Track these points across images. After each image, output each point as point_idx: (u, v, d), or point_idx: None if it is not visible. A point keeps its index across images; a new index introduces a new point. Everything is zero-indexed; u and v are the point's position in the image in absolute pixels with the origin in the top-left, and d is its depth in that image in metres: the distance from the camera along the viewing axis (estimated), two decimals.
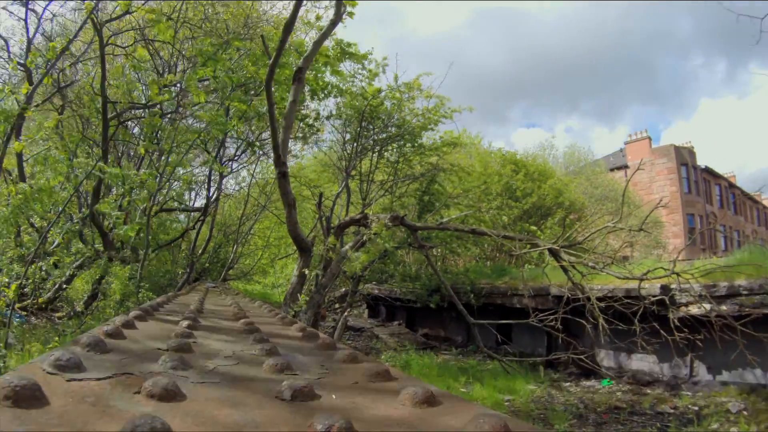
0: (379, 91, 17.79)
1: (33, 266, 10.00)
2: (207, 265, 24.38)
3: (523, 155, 32.63)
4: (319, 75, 16.96)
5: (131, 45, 16.36)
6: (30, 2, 14.17)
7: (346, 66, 18.22)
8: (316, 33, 14.29)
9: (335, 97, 18.76)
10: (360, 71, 17.85)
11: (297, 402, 1.72)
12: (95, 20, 13.84)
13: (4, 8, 14.86)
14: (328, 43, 16.46)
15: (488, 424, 1.40)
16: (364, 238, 13.61)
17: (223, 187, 23.85)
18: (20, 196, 8.89)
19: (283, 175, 11.71)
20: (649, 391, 13.24)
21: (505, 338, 16.81)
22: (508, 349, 16.21)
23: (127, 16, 14.79)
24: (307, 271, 12.35)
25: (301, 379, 2.01)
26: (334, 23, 11.87)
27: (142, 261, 13.69)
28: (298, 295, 11.74)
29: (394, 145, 19.72)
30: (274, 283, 30.57)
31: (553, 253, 12.72)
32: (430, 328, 22.26)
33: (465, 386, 13.13)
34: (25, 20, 13.99)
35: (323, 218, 15.92)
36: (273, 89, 11.28)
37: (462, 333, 20.68)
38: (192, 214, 24.64)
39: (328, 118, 19.70)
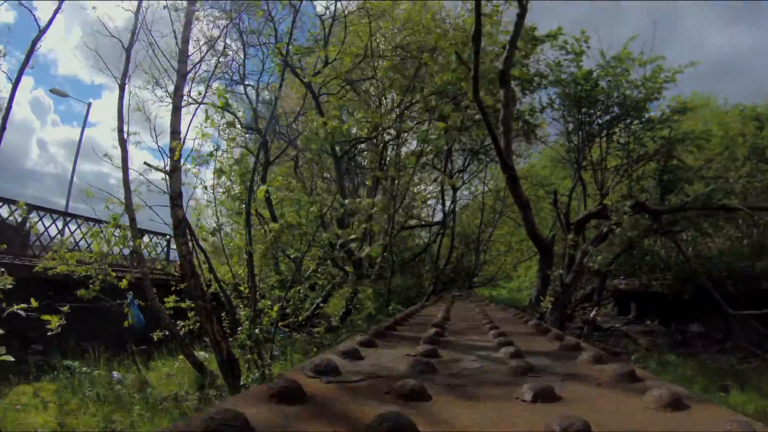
0: (590, 72, 16.70)
1: (292, 290, 11.27)
2: (451, 275, 25.07)
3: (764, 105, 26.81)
4: (523, 68, 16.68)
5: (340, 90, 17.76)
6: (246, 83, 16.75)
7: (548, 55, 17.66)
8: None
9: (545, 87, 18.18)
10: (564, 57, 17.11)
11: (537, 403, 1.70)
12: (301, 78, 15.58)
13: (225, 90, 17.72)
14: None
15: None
16: (605, 230, 12.89)
17: (457, 198, 24.46)
18: (273, 233, 10.18)
19: (512, 179, 11.63)
20: None
21: None
22: None
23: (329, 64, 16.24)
24: (549, 272, 12.06)
25: (543, 381, 1.98)
26: (521, 16, 11.57)
27: (389, 277, 14.64)
28: (543, 296, 11.49)
29: (621, 125, 18.25)
30: (518, 287, 30.36)
31: None
32: (685, 323, 19.88)
33: (722, 389, 11.49)
34: (246, 95, 16.49)
35: (561, 215, 15.43)
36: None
37: (721, 327, 18.12)
38: (432, 228, 25.75)
39: (542, 110, 19.11)
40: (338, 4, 16.09)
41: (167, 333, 10.68)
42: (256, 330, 9.02)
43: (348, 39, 17.23)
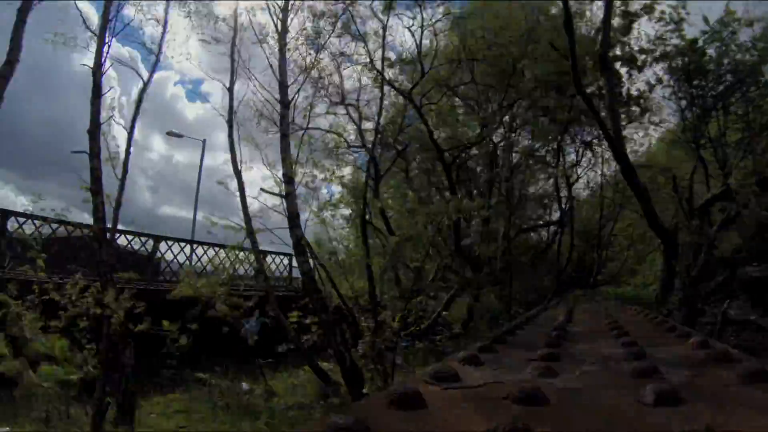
0: (695, 41, 15.52)
1: (412, 300, 11.43)
2: (573, 274, 24.32)
3: None
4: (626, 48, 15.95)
5: (441, 98, 17.73)
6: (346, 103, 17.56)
7: (648, 30, 16.75)
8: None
9: (651, 65, 17.21)
10: (664, 29, 16.12)
11: (660, 407, 1.65)
12: (402, 91, 15.75)
13: (327, 113, 18.23)
14: None
15: None
16: (733, 213, 12.01)
17: (574, 194, 23.85)
18: (392, 246, 10.48)
19: (626, 167, 11.21)
20: None
21: None
22: None
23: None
24: (675, 264, 11.43)
25: (666, 383, 1.93)
26: None
27: (509, 280, 14.46)
28: (669, 291, 10.89)
29: (737, 94, 16.70)
30: (644, 282, 28.80)
31: None
32: None
33: None
34: (348, 114, 17.58)
35: (682, 201, 14.57)
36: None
37: None
38: (550, 228, 25.22)
39: (652, 89, 18.09)
40: (423, 13, 16.14)
41: (292, 346, 11.22)
42: (379, 341, 9.28)
43: (440, 46, 17.29)
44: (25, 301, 7.96)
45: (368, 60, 16.27)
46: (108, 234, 9.28)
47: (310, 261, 11.47)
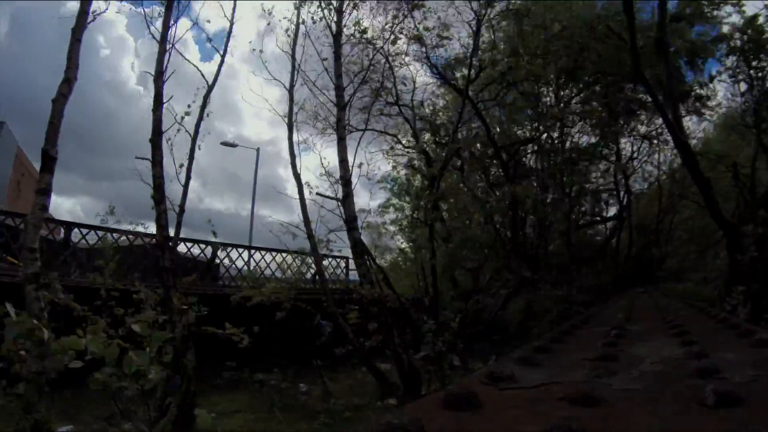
0: (755, 17, 14.71)
1: (470, 301, 11.42)
2: (632, 270, 23.76)
3: None
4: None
5: (498, 95, 17.53)
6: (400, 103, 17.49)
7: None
8: None
9: (716, 53, 16.53)
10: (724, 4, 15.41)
11: (721, 409, 1.60)
12: (459, 88, 15.66)
13: (381, 113, 18.09)
14: None
15: None
16: None
17: (631, 188, 23.31)
18: (451, 247, 10.50)
19: (688, 157, 10.85)
20: None
21: None
22: None
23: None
24: (739, 257, 10.97)
25: (728, 383, 1.88)
26: None
27: (569, 279, 14.22)
28: (733, 286, 10.43)
29: None
30: (706, 278, 27.79)
31: None
32: None
33: None
34: (402, 114, 17.39)
35: (743, 190, 14.00)
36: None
37: None
38: (608, 223, 24.71)
39: (711, 80, 17.35)
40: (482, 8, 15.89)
41: (351, 347, 11.33)
42: (439, 342, 9.29)
43: (498, 40, 17.08)
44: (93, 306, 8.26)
45: (426, 58, 16.22)
46: (171, 242, 9.48)
47: (368, 263, 11.57)
